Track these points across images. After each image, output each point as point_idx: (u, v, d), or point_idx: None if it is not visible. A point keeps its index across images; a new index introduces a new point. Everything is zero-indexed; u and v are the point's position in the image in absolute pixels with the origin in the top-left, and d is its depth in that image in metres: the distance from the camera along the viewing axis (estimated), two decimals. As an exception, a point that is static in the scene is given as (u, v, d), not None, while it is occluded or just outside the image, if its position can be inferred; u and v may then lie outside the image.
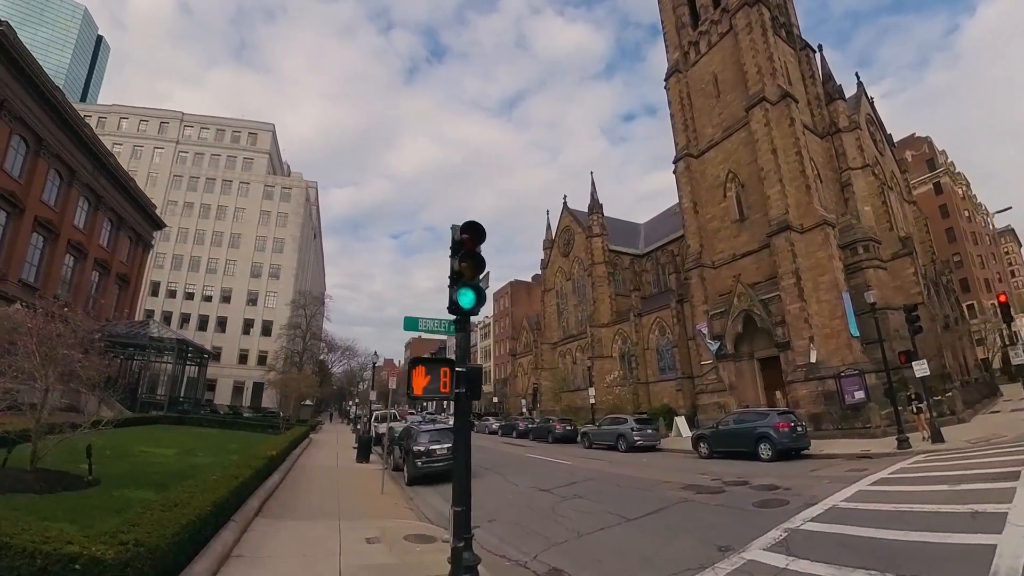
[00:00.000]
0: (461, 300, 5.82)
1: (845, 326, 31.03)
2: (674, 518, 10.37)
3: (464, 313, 5.94)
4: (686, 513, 10.81)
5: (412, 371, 5.40)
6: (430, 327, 7.85)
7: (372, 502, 12.08)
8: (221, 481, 8.16)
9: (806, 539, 7.95)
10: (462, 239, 5.99)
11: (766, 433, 18.77)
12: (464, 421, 5.83)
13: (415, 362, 5.43)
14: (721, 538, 8.33)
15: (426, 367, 5.47)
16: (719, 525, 9.43)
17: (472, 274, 5.92)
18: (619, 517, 10.47)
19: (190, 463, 13.52)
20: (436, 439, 15.59)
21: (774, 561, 6.97)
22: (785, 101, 35.27)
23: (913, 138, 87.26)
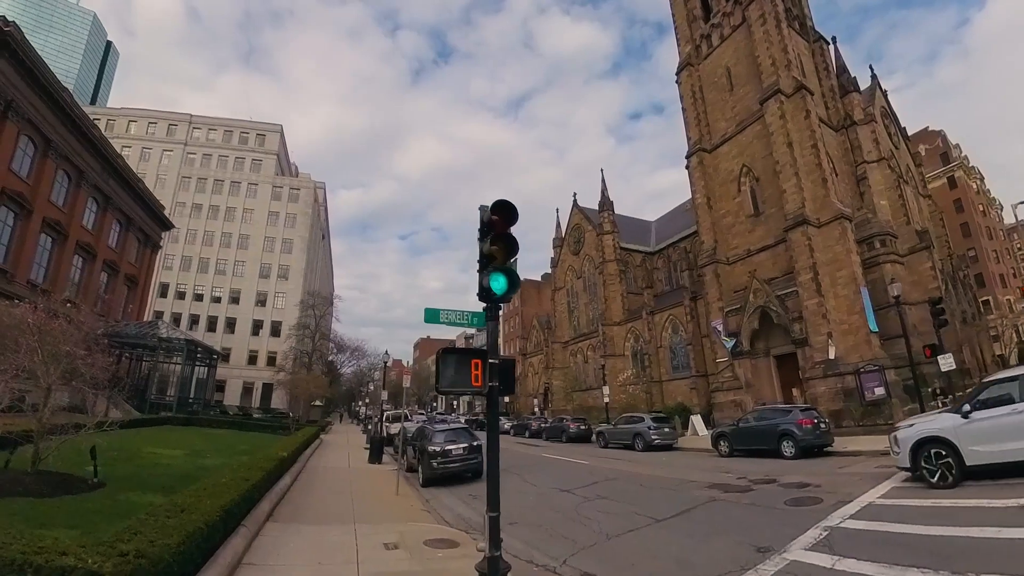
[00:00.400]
0: (493, 285, 5.30)
1: (864, 322, 30.43)
2: (705, 518, 9.96)
3: (495, 300, 5.43)
4: (716, 513, 10.40)
5: (440, 362, 4.90)
6: (452, 319, 7.31)
7: (387, 504, 11.59)
8: (230, 484, 7.69)
9: (848, 537, 7.57)
10: (492, 220, 5.48)
11: (789, 430, 18.27)
12: (495, 417, 5.31)
13: (445, 353, 4.93)
14: (758, 538, 7.96)
15: (455, 359, 4.96)
16: (753, 525, 9.03)
17: (504, 257, 5.40)
18: (647, 518, 10.06)
19: (199, 465, 13.10)
20: (451, 439, 15.10)
21: (819, 561, 6.61)
22: (800, 93, 34.57)
23: (926, 132, 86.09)
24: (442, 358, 4.90)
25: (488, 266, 5.41)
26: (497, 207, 5.37)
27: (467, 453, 14.89)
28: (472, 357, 5.03)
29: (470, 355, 5.06)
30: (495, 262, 5.41)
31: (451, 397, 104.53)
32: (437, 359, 4.92)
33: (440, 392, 5.15)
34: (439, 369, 4.86)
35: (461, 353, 5.09)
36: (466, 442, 15.11)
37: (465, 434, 15.74)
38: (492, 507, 4.89)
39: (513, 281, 5.35)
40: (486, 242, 5.47)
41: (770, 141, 34.65)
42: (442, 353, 4.90)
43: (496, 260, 5.40)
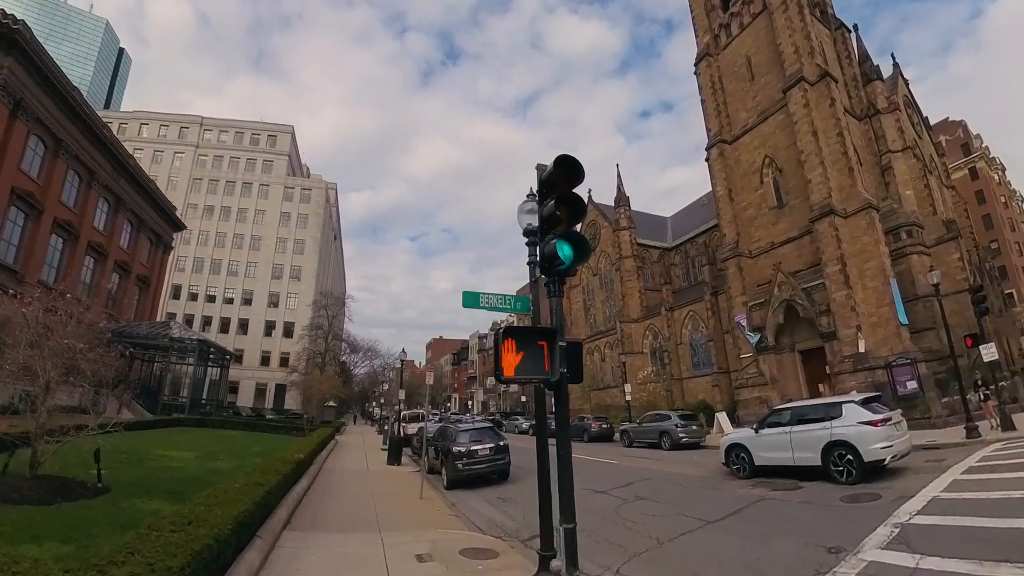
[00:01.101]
0: (560, 253, 4.43)
1: (893, 314, 29.45)
2: (760, 518, 9.39)
3: (561, 272, 4.57)
4: (770, 512, 9.78)
5: (501, 346, 4.03)
6: (494, 303, 6.48)
7: (412, 509, 10.76)
8: (244, 490, 6.88)
9: (924, 534, 7.17)
10: (553, 178, 4.60)
11: None
12: (564, 412, 4.44)
13: (508, 333, 4.06)
14: (825, 538, 7.54)
15: (518, 341, 4.10)
16: (815, 524, 8.58)
17: (569, 221, 4.52)
18: (697, 520, 9.39)
19: (210, 468, 12.36)
20: (476, 439, 14.25)
21: (900, 560, 6.21)
22: (825, 81, 33.50)
23: (947, 122, 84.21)
24: (505, 340, 4.03)
25: (550, 231, 4.56)
26: (560, 163, 4.50)
27: (493, 453, 14.05)
28: (539, 338, 4.17)
29: (536, 336, 4.20)
30: (559, 227, 4.55)
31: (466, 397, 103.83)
32: (497, 342, 4.04)
33: (504, 382, 4.17)
34: (500, 355, 3.98)
35: (526, 334, 4.23)
36: (492, 442, 14.27)
37: (490, 433, 14.89)
38: (567, 516, 4.05)
39: (581, 248, 4.48)
40: (546, 205, 4.61)
41: (794, 130, 33.64)
42: (504, 334, 4.02)
43: (560, 225, 4.53)
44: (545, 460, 5.95)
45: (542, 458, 5.94)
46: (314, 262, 72.65)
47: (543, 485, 5.89)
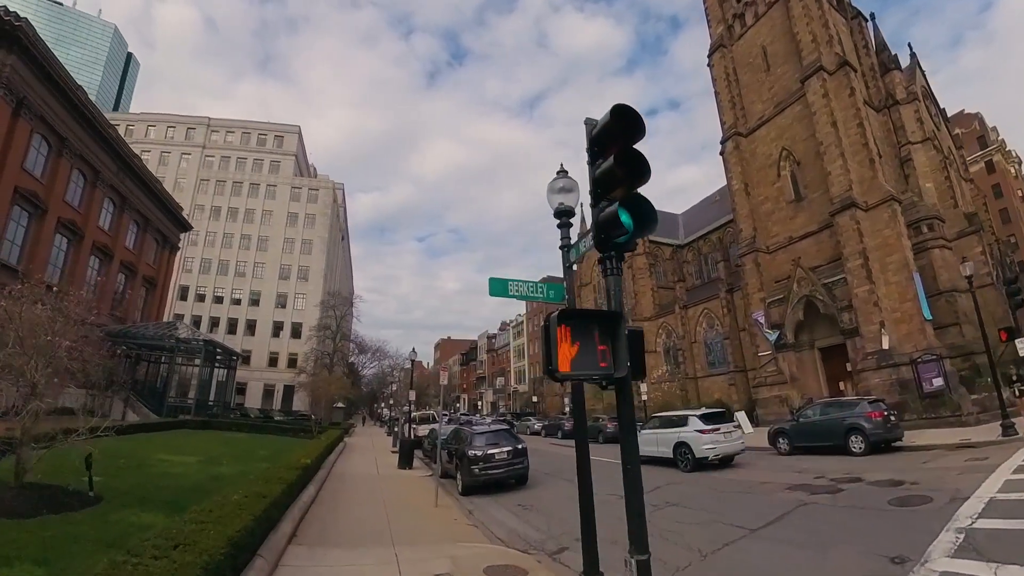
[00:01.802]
0: (620, 221, 3.62)
1: (917, 309, 28.65)
2: (806, 525, 8.64)
3: (620, 246, 3.79)
4: (816, 519, 9.06)
5: (551, 334, 3.21)
6: (524, 292, 5.71)
7: (427, 518, 9.99)
8: (244, 504, 6.13)
9: (992, 539, 6.65)
10: (609, 131, 3.80)
11: (857, 424, 16.95)
12: (630, 413, 3.64)
13: (563, 318, 3.25)
14: (885, 546, 6.94)
15: (575, 328, 3.29)
16: (868, 531, 8.03)
17: (631, 182, 3.72)
18: (738, 528, 8.68)
19: (213, 474, 11.65)
20: (493, 442, 13.46)
21: (974, 570, 5.70)
22: (844, 70, 32.62)
23: (962, 115, 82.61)
24: (560, 327, 3.22)
25: (606, 196, 3.77)
26: (617, 113, 3.67)
27: (511, 457, 13.26)
28: (600, 324, 3.39)
29: (598, 321, 3.41)
30: (615, 192, 3.76)
31: (475, 397, 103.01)
32: (548, 329, 3.23)
33: (558, 379, 3.18)
34: (552, 345, 3.19)
35: (586, 320, 3.43)
36: (510, 445, 13.48)
37: (508, 436, 14.10)
38: (638, 546, 3.25)
39: (646, 214, 3.65)
40: (599, 165, 3.81)
41: (812, 121, 32.78)
42: (559, 318, 3.21)
43: (620, 187, 3.74)
44: (587, 470, 5.20)
45: (583, 468, 5.19)
46: (322, 262, 72.16)
47: (585, 499, 5.14)
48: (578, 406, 5.45)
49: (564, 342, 3.19)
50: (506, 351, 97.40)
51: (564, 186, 5.98)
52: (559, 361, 3.14)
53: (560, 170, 6.13)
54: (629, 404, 3.52)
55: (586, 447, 5.29)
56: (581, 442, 5.27)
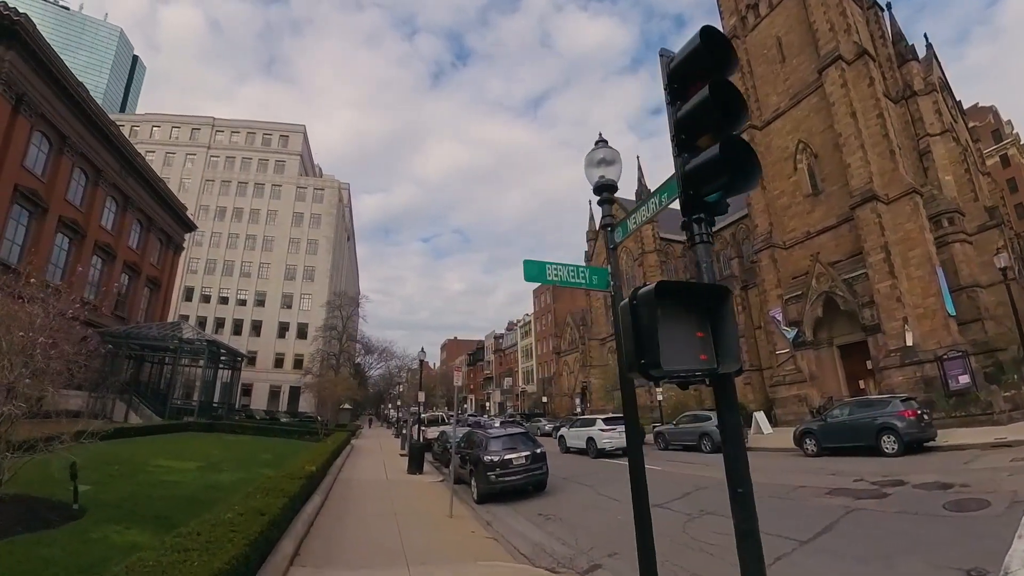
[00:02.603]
0: (714, 174, 2.79)
1: (941, 304, 27.78)
2: (861, 534, 7.94)
3: (710, 207, 2.96)
4: (869, 527, 8.32)
5: (637, 319, 2.35)
6: (564, 276, 4.89)
7: (442, 531, 9.16)
8: (239, 524, 5.31)
9: None
10: (696, 59, 2.95)
11: (890, 424, 16.20)
12: (735, 418, 2.79)
13: (660, 294, 2.38)
14: (954, 557, 6.33)
15: (666, 310, 2.41)
16: (931, 539, 7.38)
17: (728, 122, 2.87)
18: (786, 539, 7.86)
19: (211, 482, 10.86)
20: (510, 446, 12.59)
21: None
22: (863, 59, 31.63)
23: (977, 108, 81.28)
24: (655, 306, 2.36)
25: (690, 145, 2.94)
26: (707, 35, 2.82)
27: (529, 463, 12.39)
28: (696, 303, 2.54)
29: (695, 298, 2.57)
30: (703, 137, 2.93)
31: (483, 398, 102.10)
32: (635, 308, 2.38)
33: (654, 379, 2.39)
34: (642, 332, 2.34)
35: (678, 295, 2.56)
36: (528, 450, 12.61)
37: (525, 440, 13.23)
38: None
39: (749, 162, 2.80)
40: (682, 104, 2.98)
41: (830, 113, 31.83)
42: (656, 292, 2.35)
43: (705, 133, 2.91)
44: (642, 483, 4.38)
45: (638, 482, 4.35)
46: (327, 262, 71.52)
47: (642, 522, 4.30)
48: (630, 406, 4.62)
49: (654, 333, 2.33)
50: (513, 351, 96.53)
51: (605, 157, 5.18)
52: (645, 353, 2.29)
53: (599, 139, 5.33)
54: (733, 409, 2.69)
55: (641, 461, 4.46)
56: (634, 450, 4.44)
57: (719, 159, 2.73)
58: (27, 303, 7.31)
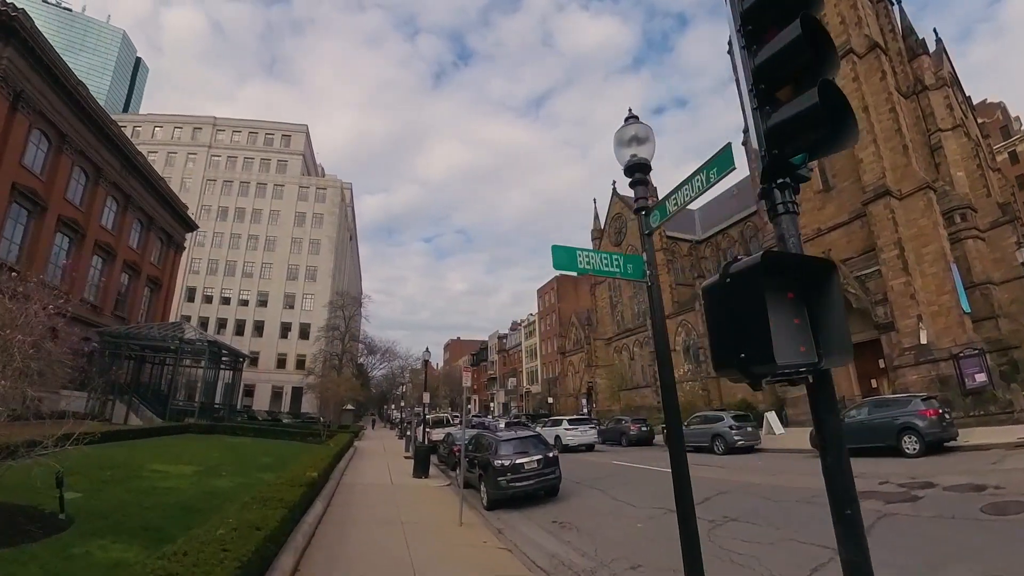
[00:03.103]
0: (801, 130, 2.27)
1: (955, 302, 27.38)
2: (900, 542, 7.32)
3: (795, 170, 2.44)
4: (907, 533, 7.77)
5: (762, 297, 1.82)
6: (597, 265, 4.39)
7: (452, 541, 8.62)
8: (232, 541, 4.77)
9: None
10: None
11: (911, 423, 15.80)
12: (836, 424, 2.24)
13: (769, 263, 1.85)
14: (1005, 565, 5.98)
15: (772, 293, 1.88)
16: (976, 546, 6.91)
17: (818, 67, 2.35)
18: (822, 548, 7.23)
19: (208, 488, 10.34)
20: (521, 450, 12.03)
21: None
22: (874, 53, 31.18)
23: (985, 104, 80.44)
24: (748, 288, 1.82)
25: (772, 96, 2.43)
26: None
27: (542, 467, 11.83)
28: (796, 281, 2.01)
29: (796, 275, 2.02)
30: (784, 88, 2.41)
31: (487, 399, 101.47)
32: (728, 291, 1.85)
33: (754, 377, 1.96)
34: (739, 322, 1.81)
35: (780, 270, 2.01)
36: (540, 454, 12.04)
37: (536, 443, 12.66)
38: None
39: (845, 112, 2.27)
40: (760, 49, 2.47)
41: (842, 106, 31.17)
42: (751, 273, 1.82)
43: (787, 84, 2.40)
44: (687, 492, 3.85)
45: (682, 491, 3.83)
46: (330, 262, 71.06)
47: (688, 536, 3.77)
48: (670, 404, 4.09)
49: (758, 319, 1.80)
50: (517, 351, 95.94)
51: (637, 134, 4.67)
52: (775, 344, 1.75)
53: (629, 115, 4.82)
54: (834, 411, 2.15)
55: (684, 464, 3.92)
56: (677, 457, 3.91)
57: (817, 108, 2.19)
58: (6, 299, 6.79)
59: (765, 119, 2.48)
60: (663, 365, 4.18)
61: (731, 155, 3.62)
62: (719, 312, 1.91)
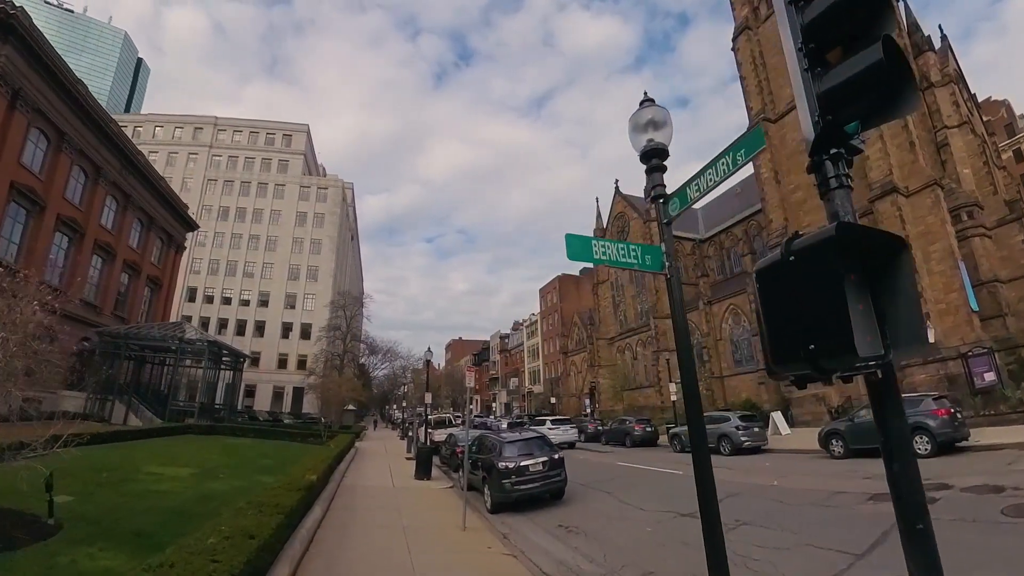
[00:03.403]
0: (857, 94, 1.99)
1: (964, 300, 27.12)
2: None
3: (849, 139, 2.18)
4: None
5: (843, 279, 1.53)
6: (614, 256, 4.10)
7: (456, 547, 8.32)
8: (223, 551, 4.46)
9: None
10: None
11: (923, 423, 15.36)
12: (902, 426, 1.92)
13: (844, 236, 1.55)
14: None
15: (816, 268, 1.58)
16: (1003, 550, 6.62)
17: (872, 23, 2.06)
18: (840, 553, 7.03)
19: (204, 491, 10.05)
20: (526, 452, 11.71)
21: None
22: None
23: (989, 102, 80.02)
24: (818, 265, 1.52)
25: (822, 58, 2.16)
26: None
27: (547, 469, 11.52)
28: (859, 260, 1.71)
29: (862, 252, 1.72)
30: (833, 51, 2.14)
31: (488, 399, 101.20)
32: (793, 270, 1.55)
33: (824, 372, 1.68)
34: (811, 305, 1.51)
35: (854, 243, 1.71)
36: (545, 456, 11.73)
37: (541, 445, 12.34)
38: None
39: (905, 72, 1.98)
40: (806, 5, 2.20)
41: (847, 103, 30.90)
42: (824, 247, 1.52)
43: (838, 45, 2.12)
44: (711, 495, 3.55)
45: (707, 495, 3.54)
46: (331, 262, 70.77)
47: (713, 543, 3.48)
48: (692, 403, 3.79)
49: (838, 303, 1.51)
50: (519, 351, 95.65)
51: (654, 118, 4.39)
52: (857, 335, 1.45)
53: (645, 98, 4.54)
54: (899, 411, 1.84)
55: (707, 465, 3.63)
56: (700, 458, 3.62)
57: (880, 66, 1.89)
58: None
59: (817, 81, 2.18)
60: (685, 362, 3.89)
61: (762, 135, 3.34)
62: (779, 297, 1.62)
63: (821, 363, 1.55)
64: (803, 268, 1.60)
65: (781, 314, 1.65)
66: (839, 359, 1.51)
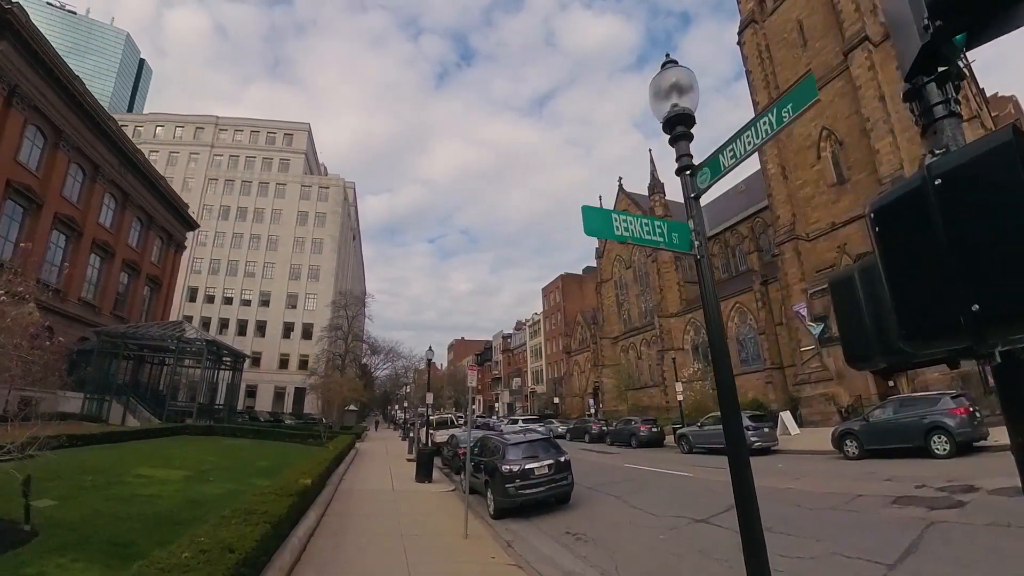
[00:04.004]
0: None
1: None
2: (957, 555, 6.54)
3: (954, 59, 1.68)
4: (962, 544, 6.96)
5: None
6: (636, 232, 3.62)
7: (457, 557, 7.83)
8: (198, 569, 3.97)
9: None
10: None
11: (941, 423, 14.94)
12: None
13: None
14: None
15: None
16: None
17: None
18: (872, 563, 6.54)
19: (194, 496, 9.59)
20: (531, 454, 11.20)
21: None
22: (890, 41, 29.99)
23: (996, 98, 79.11)
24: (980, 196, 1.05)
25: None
26: None
27: (553, 472, 11.01)
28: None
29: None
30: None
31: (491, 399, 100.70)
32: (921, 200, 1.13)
33: (987, 347, 1.16)
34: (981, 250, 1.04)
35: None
36: (551, 458, 11.23)
37: (547, 447, 11.82)
38: None
39: None
40: None
41: (856, 97, 30.52)
42: (1002, 161, 1.04)
43: None
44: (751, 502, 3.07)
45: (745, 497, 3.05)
46: (333, 261, 70.34)
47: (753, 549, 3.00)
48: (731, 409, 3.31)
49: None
50: (522, 351, 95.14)
51: (678, 81, 3.86)
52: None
53: (667, 60, 4.01)
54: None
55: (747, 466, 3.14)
56: (738, 456, 3.13)
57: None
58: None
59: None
60: (718, 352, 3.39)
61: (814, 84, 2.85)
62: (912, 243, 1.12)
63: (990, 331, 1.05)
64: (961, 194, 1.10)
65: (915, 267, 1.16)
66: (1014, 323, 1.00)
